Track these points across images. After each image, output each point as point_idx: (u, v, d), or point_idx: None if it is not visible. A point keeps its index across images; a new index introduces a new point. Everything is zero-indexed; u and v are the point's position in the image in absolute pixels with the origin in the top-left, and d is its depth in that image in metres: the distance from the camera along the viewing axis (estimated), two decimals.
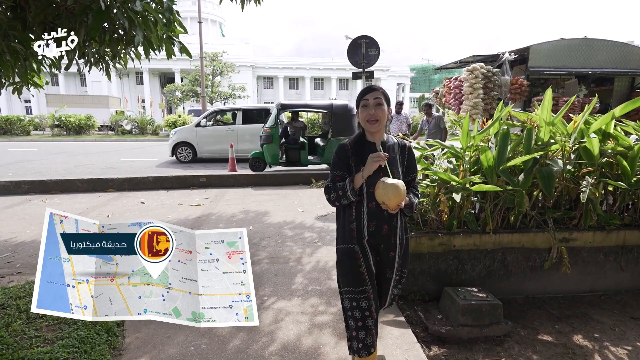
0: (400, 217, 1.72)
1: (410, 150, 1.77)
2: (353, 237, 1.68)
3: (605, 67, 5.98)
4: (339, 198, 1.64)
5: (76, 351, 1.92)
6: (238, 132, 9.98)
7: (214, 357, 2.02)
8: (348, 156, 1.67)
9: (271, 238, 3.98)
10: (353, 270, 1.67)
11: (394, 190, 1.49)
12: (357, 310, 1.66)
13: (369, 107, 1.62)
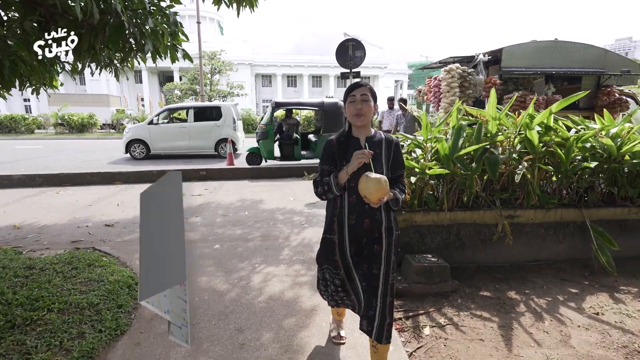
0: (385, 211, 1.74)
1: (398, 146, 1.78)
2: (334, 230, 1.75)
3: (573, 67, 6.51)
4: (325, 192, 1.70)
5: (106, 298, 2.45)
6: (190, 129, 10.25)
7: (215, 305, 2.54)
8: (334, 151, 1.71)
9: (264, 221, 4.51)
10: (329, 257, 1.79)
11: (375, 184, 1.51)
12: (330, 283, 1.83)
13: (356, 102, 1.65)
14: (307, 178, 7.27)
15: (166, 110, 10.85)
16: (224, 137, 10.26)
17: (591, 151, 3.49)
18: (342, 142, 1.72)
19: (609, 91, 6.57)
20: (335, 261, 1.77)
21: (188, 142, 10.30)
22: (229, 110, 10.47)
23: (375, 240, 1.72)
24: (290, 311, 2.46)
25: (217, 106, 10.61)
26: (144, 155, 10.26)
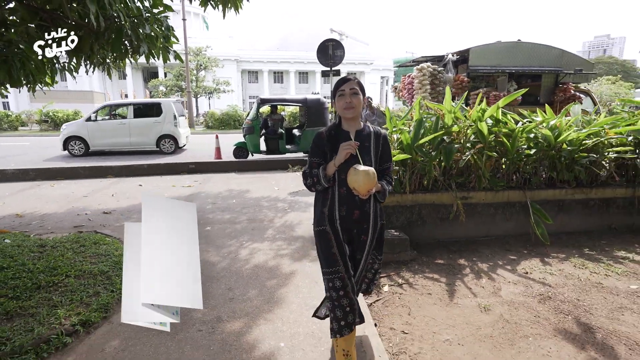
0: (373, 203, 1.78)
1: (386, 139, 1.82)
2: (324, 220, 1.75)
3: (533, 66, 7.12)
4: (314, 184, 1.72)
5: (114, 267, 2.86)
6: (130, 125, 10.26)
7: (207, 272, 2.98)
8: (324, 144, 1.73)
9: (250, 207, 4.94)
10: (326, 251, 1.75)
11: (364, 176, 1.54)
12: (332, 290, 1.74)
13: (346, 96, 1.69)
14: (292, 170, 7.71)
15: (105, 107, 10.70)
16: (165, 133, 10.36)
17: (534, 140, 4.05)
18: (332, 135, 1.74)
19: (565, 88, 7.22)
20: (333, 254, 1.74)
21: (128, 139, 10.25)
22: (170, 106, 10.49)
23: (363, 231, 1.77)
24: (272, 275, 2.93)
25: (157, 103, 10.67)
26: (83, 152, 10.12)
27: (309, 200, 5.34)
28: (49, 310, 2.24)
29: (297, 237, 3.80)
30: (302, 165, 8.01)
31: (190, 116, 19.26)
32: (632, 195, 4.24)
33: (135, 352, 2.00)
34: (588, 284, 2.87)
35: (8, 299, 2.33)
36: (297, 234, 3.90)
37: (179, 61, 4.23)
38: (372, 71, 49.96)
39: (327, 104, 8.62)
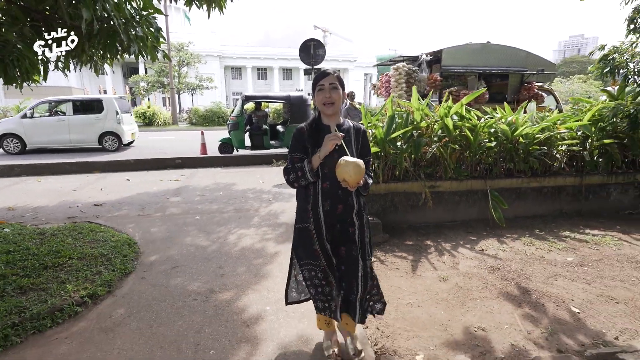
0: (356, 196, 1.78)
1: (365, 134, 1.82)
2: (309, 217, 1.73)
3: (500, 67, 7.65)
4: (297, 179, 1.68)
5: (112, 251, 3.13)
6: (70, 122, 9.97)
7: (200, 254, 3.28)
8: (305, 139, 1.71)
9: (237, 199, 5.24)
10: (307, 248, 1.75)
11: (354, 167, 1.53)
12: (315, 279, 1.76)
13: (325, 91, 1.67)
14: (276, 165, 8.02)
15: (42, 103, 10.31)
16: (107, 130, 10.18)
17: (494, 135, 4.50)
18: (313, 130, 1.74)
19: (529, 87, 7.79)
20: (315, 250, 1.74)
21: (68, 136, 10.00)
22: (111, 103, 10.32)
23: (349, 224, 1.77)
24: (258, 255, 3.26)
25: (98, 99, 10.47)
26: (19, 149, 9.79)
27: (293, 192, 5.66)
28: (58, 286, 2.51)
29: (281, 224, 4.14)
30: (286, 159, 8.32)
31: (174, 113, 19.22)
32: (580, 184, 4.76)
33: (140, 317, 2.30)
34: (532, 257, 3.33)
35: (19, 277, 2.58)
36: (281, 221, 4.23)
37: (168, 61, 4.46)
38: (355, 68, 50.39)
39: (309, 101, 8.94)
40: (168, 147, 11.17)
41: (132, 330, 2.17)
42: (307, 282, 1.81)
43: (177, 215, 4.43)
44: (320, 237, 1.74)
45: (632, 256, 3.30)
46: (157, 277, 2.82)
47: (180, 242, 3.58)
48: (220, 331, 2.16)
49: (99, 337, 2.10)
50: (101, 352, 1.97)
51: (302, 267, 1.81)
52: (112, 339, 2.09)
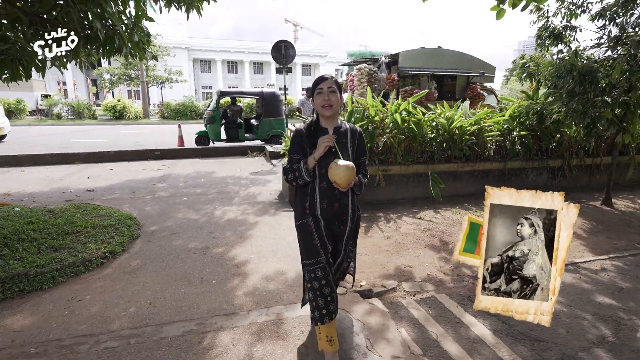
0: (351, 196, 1.88)
1: (361, 135, 1.92)
2: (306, 214, 1.83)
3: (450, 69, 8.74)
4: (295, 178, 1.77)
5: (117, 223, 3.76)
6: None
7: (192, 224, 3.97)
8: (303, 140, 1.80)
9: (218, 184, 5.92)
10: (308, 243, 1.83)
11: (344, 170, 1.63)
12: (314, 280, 1.80)
13: (324, 94, 1.75)
14: (251, 155, 8.69)
15: None
16: None
17: (435, 127, 5.46)
18: (311, 132, 1.81)
19: (473, 87, 8.94)
20: (315, 246, 1.81)
21: None
22: None
23: (342, 222, 1.87)
24: (241, 224, 4.01)
25: None
26: None
27: (268, 177, 6.42)
28: (82, 246, 3.15)
29: (259, 202, 4.89)
30: (260, 151, 9.01)
31: (145, 106, 19.18)
32: (504, 168, 5.84)
33: (153, 265, 3.00)
34: (456, 221, 4.31)
35: (49, 239, 3.19)
36: (258, 200, 4.98)
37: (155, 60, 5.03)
38: (326, 63, 51.06)
39: (281, 97, 9.65)
40: (165, 139, 11.45)
41: (149, 272, 2.88)
42: (307, 283, 1.85)
43: (166, 198, 5.06)
44: (320, 232, 1.82)
45: None
46: (160, 240, 3.51)
47: (173, 216, 4.25)
48: (217, 270, 2.92)
49: (124, 277, 2.79)
50: (130, 285, 2.67)
51: (304, 268, 1.87)
52: (135, 277, 2.79)
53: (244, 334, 2.12)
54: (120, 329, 2.16)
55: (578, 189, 6.10)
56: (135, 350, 1.96)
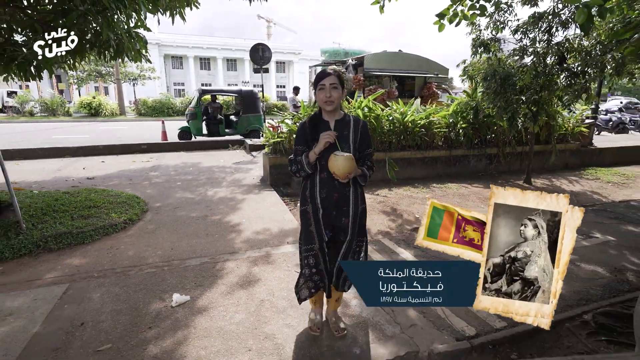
0: (353, 187, 1.89)
1: (365, 127, 1.93)
2: (307, 201, 1.90)
3: (409, 70, 9.88)
4: (298, 170, 1.85)
5: (127, 200, 4.53)
6: None
7: (189, 202, 4.80)
8: (306, 133, 1.86)
9: (205, 172, 6.72)
10: (305, 229, 1.92)
11: (342, 162, 1.70)
12: (306, 267, 1.93)
13: (326, 90, 1.79)
14: (232, 149, 9.48)
15: None
16: None
17: (392, 121, 6.52)
18: (314, 125, 1.86)
19: (428, 86, 10.16)
20: (310, 232, 1.89)
21: None
22: None
23: (343, 213, 1.88)
24: (231, 200, 4.88)
25: None
26: None
27: (249, 166, 7.28)
28: (106, 215, 3.93)
29: (244, 185, 5.76)
30: (240, 144, 9.80)
31: (121, 103, 19.30)
32: (450, 155, 7.00)
33: (166, 228, 3.83)
34: (405, 196, 5.38)
35: (78, 210, 3.94)
36: (243, 184, 5.85)
37: (148, 63, 5.76)
38: (300, 60, 51.66)
39: (259, 95, 10.46)
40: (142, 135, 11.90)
41: (164, 232, 3.72)
42: (303, 261, 1.99)
43: (162, 183, 5.83)
44: (317, 219, 1.87)
45: (460, 192, 5.52)
46: (166, 212, 4.34)
47: (172, 196, 5.06)
48: (218, 229, 3.80)
49: (146, 235, 3.62)
50: (152, 240, 3.51)
51: (301, 252, 1.98)
52: (154, 236, 3.62)
53: (244, 262, 3.03)
54: (154, 262, 3.01)
55: (511, 172, 7.37)
56: (169, 273, 2.83)
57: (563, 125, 7.95)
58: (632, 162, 8.69)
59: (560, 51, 5.65)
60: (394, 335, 2.14)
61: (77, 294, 2.53)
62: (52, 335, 2.09)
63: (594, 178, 6.96)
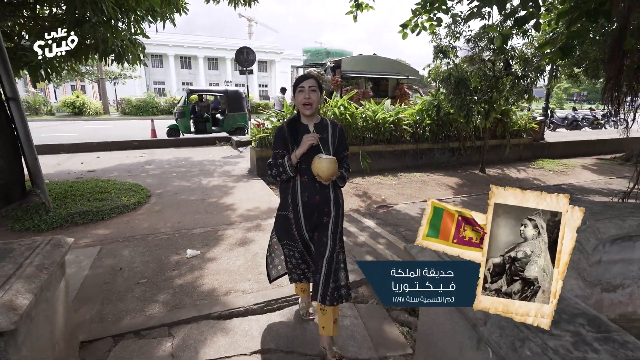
0: (332, 189, 1.94)
1: (342, 131, 1.99)
2: (288, 206, 1.93)
3: (382, 72, 10.79)
4: (279, 174, 1.86)
5: (133, 187, 5.18)
6: None
7: (186, 189, 5.48)
8: (285, 137, 1.87)
9: (197, 165, 7.38)
10: (287, 232, 1.98)
11: (327, 164, 1.73)
12: (293, 258, 2.05)
13: (305, 92, 1.82)
14: (219, 145, 10.13)
15: None
16: None
17: (365, 118, 7.36)
18: (292, 128, 1.89)
19: (401, 87, 11.10)
20: (293, 235, 1.95)
21: None
22: None
23: (325, 213, 1.92)
24: (224, 187, 5.59)
25: None
26: None
27: (237, 160, 7.97)
28: (117, 198, 4.57)
29: (234, 175, 6.47)
30: (227, 141, 10.44)
31: (105, 102, 19.45)
32: (417, 148, 7.90)
33: (171, 208, 4.52)
34: (376, 183, 6.22)
35: (90, 195, 4.57)
36: (233, 174, 6.55)
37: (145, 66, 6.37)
38: (282, 60, 52.04)
39: (244, 94, 11.12)
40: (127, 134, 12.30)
41: (170, 211, 4.40)
42: (286, 258, 2.05)
43: (159, 174, 6.46)
44: (298, 224, 1.91)
45: (422, 180, 6.43)
46: (168, 197, 5.01)
47: (171, 185, 5.72)
48: (215, 208, 4.52)
49: (154, 214, 4.30)
50: (161, 216, 4.20)
51: (283, 245, 2.05)
52: (162, 213, 4.31)
53: (239, 230, 3.78)
54: (166, 231, 3.72)
55: (471, 163, 8.34)
56: (180, 238, 3.55)
57: (517, 122, 9.01)
58: (578, 155, 9.88)
59: (506, 58, 6.63)
60: (353, 270, 2.94)
61: (110, 252, 3.21)
62: (100, 275, 2.79)
63: (539, 167, 8.03)
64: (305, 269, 2.07)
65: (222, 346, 2.06)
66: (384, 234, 3.81)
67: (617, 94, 3.53)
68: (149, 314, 2.32)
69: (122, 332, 2.14)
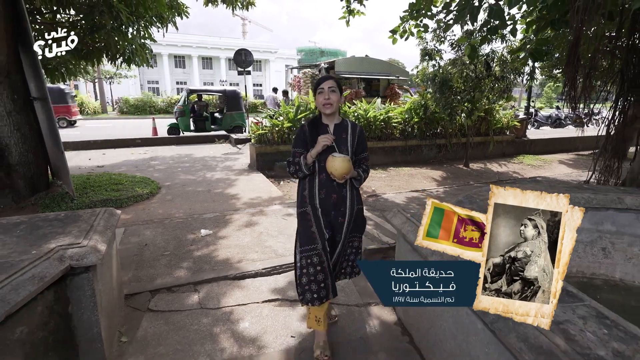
0: (350, 188, 1.97)
1: (362, 132, 2.04)
2: (305, 202, 1.96)
3: (374, 73, 11.33)
4: (296, 171, 1.92)
5: (143, 180, 5.63)
6: None
7: (193, 182, 5.95)
8: (306, 136, 1.93)
9: (199, 161, 7.83)
10: (306, 230, 1.95)
11: (340, 162, 1.78)
12: (310, 266, 1.92)
13: (324, 93, 1.88)
14: (218, 142, 10.58)
15: None
16: None
17: (357, 116, 7.88)
18: (312, 128, 1.95)
19: (391, 87, 11.65)
20: (312, 233, 1.93)
21: None
22: None
23: (341, 213, 1.96)
24: (227, 179, 6.07)
25: None
26: None
27: (237, 156, 8.44)
28: (131, 189, 5.03)
29: (235, 169, 6.95)
30: (225, 139, 10.89)
31: (103, 102, 19.74)
32: (406, 145, 8.44)
33: (181, 198, 4.99)
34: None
35: (107, 186, 5.03)
36: (234, 169, 7.03)
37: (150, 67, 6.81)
38: (276, 59, 52.33)
39: (241, 94, 11.58)
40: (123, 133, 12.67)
41: (180, 200, 4.88)
42: (302, 270, 1.94)
43: (164, 169, 6.92)
44: (317, 219, 1.92)
45: (409, 173, 6.97)
46: (177, 188, 5.48)
47: (177, 178, 6.18)
48: (221, 198, 5.00)
49: (167, 202, 4.77)
50: (173, 204, 4.67)
51: (301, 254, 1.95)
52: (173, 202, 4.78)
53: (245, 215, 4.27)
54: (180, 216, 4.20)
55: (456, 159, 8.90)
56: (193, 221, 4.03)
57: (500, 120, 9.60)
58: (558, 151, 10.51)
59: (487, 60, 7.19)
60: None
61: (133, 232, 3.69)
62: (129, 249, 3.27)
63: (519, 162, 8.62)
64: (321, 282, 1.92)
65: (239, 297, 2.56)
66: (372, 217, 4.32)
67: (574, 94, 4.08)
68: (177, 276, 2.81)
69: (157, 288, 2.63)
